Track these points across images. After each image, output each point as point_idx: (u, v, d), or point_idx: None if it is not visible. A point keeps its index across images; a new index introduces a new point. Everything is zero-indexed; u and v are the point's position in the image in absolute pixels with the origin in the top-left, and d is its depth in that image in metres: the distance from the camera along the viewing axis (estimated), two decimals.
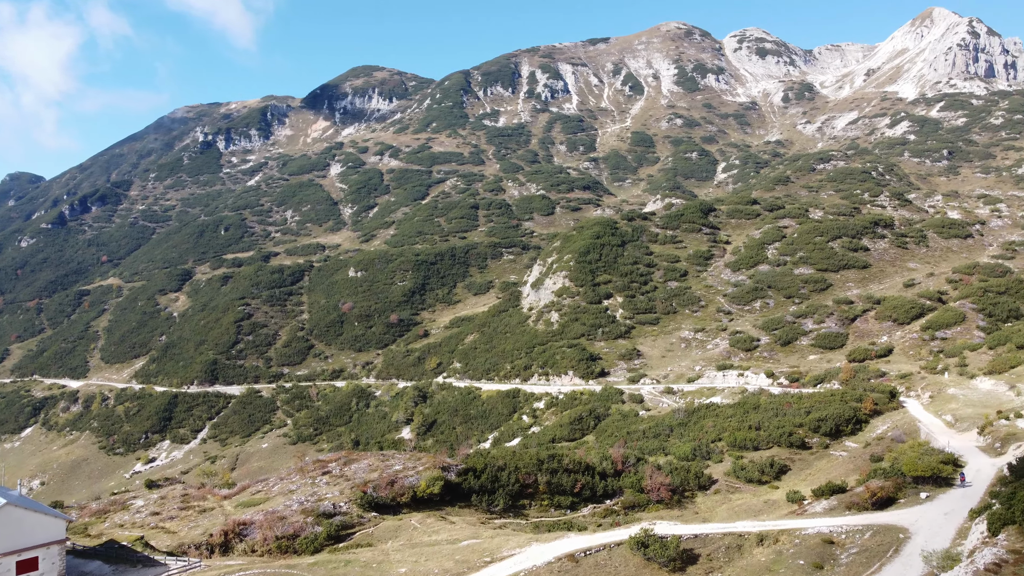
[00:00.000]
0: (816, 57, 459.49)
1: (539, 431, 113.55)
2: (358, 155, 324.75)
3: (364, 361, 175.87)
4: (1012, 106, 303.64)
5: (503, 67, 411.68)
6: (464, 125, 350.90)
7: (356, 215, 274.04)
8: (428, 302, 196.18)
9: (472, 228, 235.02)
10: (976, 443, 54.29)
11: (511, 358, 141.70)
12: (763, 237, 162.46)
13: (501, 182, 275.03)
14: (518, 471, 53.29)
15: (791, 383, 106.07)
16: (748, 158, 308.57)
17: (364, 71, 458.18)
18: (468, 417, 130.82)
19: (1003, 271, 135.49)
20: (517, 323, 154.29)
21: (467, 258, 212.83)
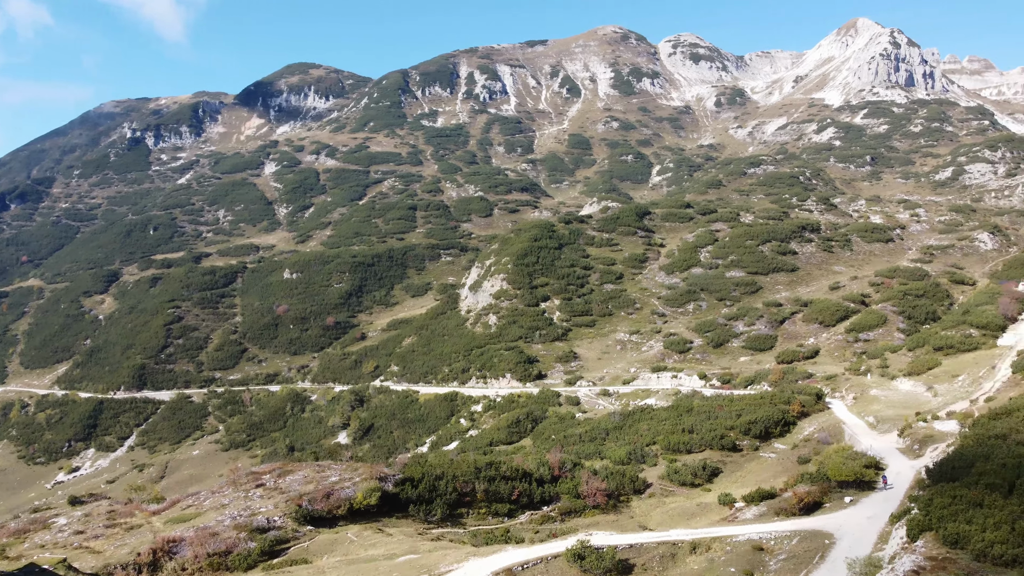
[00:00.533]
0: (747, 63, 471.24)
1: (477, 434, 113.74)
2: (294, 154, 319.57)
3: (300, 365, 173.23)
4: (930, 114, 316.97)
5: (442, 67, 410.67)
6: (402, 125, 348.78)
7: (291, 215, 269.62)
8: (366, 304, 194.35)
9: (410, 229, 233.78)
10: (896, 445, 56.58)
11: (449, 361, 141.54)
12: (696, 240, 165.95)
13: (439, 183, 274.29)
14: (456, 480, 53.31)
15: (723, 384, 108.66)
16: (682, 161, 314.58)
17: (300, 68, 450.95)
18: (406, 421, 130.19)
19: (922, 274, 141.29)
20: (455, 326, 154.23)
21: (405, 260, 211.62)
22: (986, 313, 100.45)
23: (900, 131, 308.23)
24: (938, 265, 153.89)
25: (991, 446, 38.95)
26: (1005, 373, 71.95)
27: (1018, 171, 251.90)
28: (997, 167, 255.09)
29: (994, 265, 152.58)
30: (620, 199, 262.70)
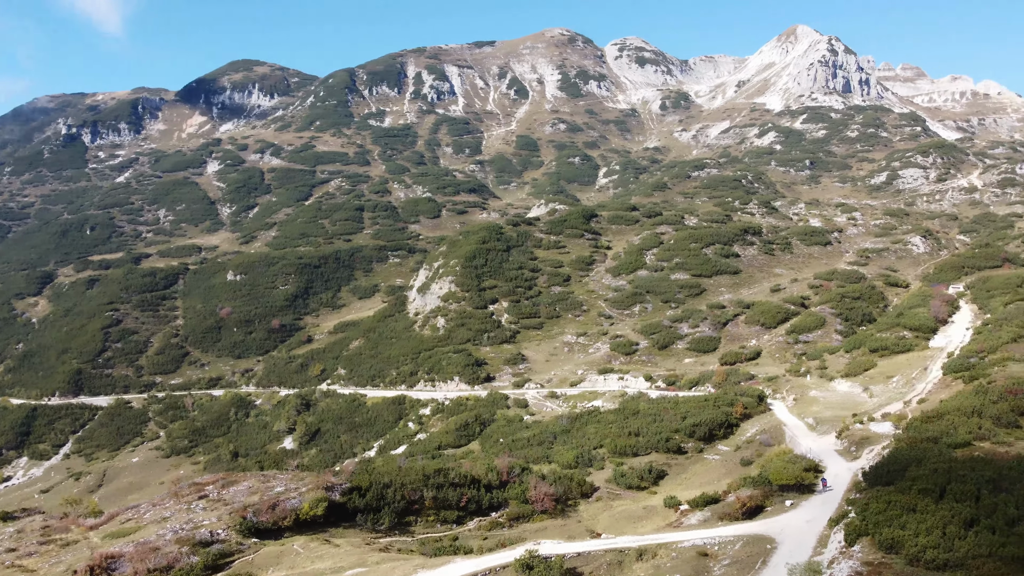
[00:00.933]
0: (692, 67, 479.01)
1: (425, 438, 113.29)
2: (237, 152, 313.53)
3: (244, 368, 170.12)
4: (866, 120, 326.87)
5: (389, 67, 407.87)
6: (349, 125, 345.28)
7: (235, 215, 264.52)
8: (312, 307, 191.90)
9: (357, 230, 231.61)
10: (835, 446, 58.31)
11: (397, 364, 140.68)
12: (642, 243, 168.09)
13: (387, 184, 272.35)
14: (404, 487, 53.17)
15: (668, 386, 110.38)
16: (628, 164, 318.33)
17: (244, 65, 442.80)
18: (353, 425, 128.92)
19: (858, 277, 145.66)
20: (403, 328, 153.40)
21: (352, 261, 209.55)
22: (919, 316, 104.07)
23: (838, 136, 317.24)
24: (874, 268, 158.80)
25: (923, 450, 40.48)
26: (936, 374, 74.77)
27: (948, 176, 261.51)
28: (929, 172, 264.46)
29: (926, 268, 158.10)
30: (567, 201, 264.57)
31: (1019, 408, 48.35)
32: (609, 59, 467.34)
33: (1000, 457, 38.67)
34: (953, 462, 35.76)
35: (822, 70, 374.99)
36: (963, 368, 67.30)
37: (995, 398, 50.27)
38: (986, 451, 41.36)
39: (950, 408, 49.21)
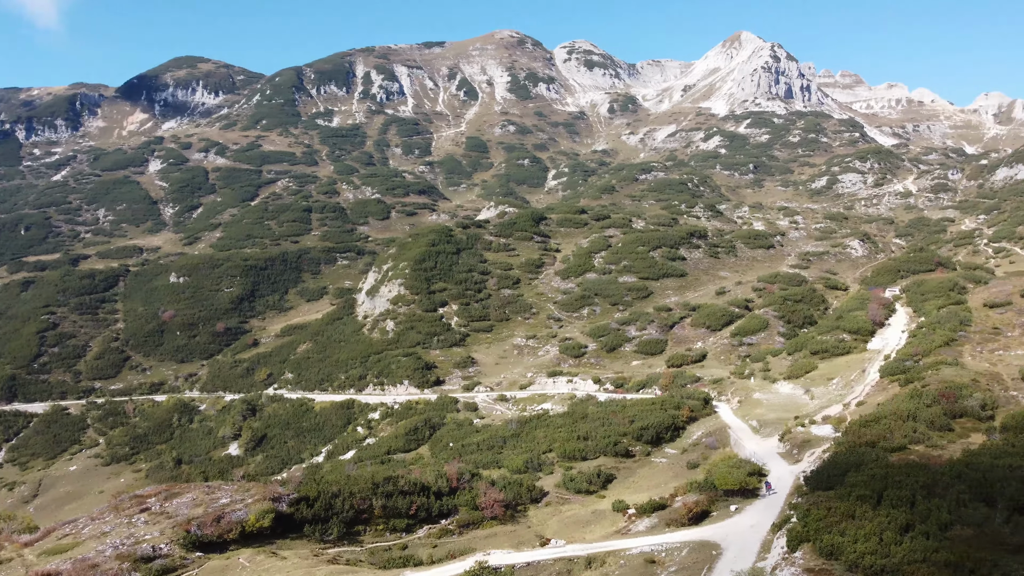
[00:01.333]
0: (639, 71, 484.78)
1: (374, 443, 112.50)
2: (181, 151, 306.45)
3: (187, 373, 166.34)
4: (807, 126, 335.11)
5: (338, 66, 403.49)
6: (297, 124, 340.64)
7: (178, 216, 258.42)
8: (258, 309, 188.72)
9: (305, 232, 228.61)
10: (778, 449, 59.79)
11: (346, 368, 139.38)
12: (591, 246, 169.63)
13: (335, 184, 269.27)
14: (353, 497, 52.78)
15: (616, 388, 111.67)
16: (577, 166, 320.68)
17: (188, 62, 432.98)
18: (301, 430, 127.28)
19: (800, 280, 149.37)
20: (352, 331, 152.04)
21: (300, 263, 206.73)
22: (857, 319, 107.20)
23: (780, 141, 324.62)
24: (814, 271, 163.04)
25: (861, 454, 41.82)
26: (874, 376, 77.15)
27: (885, 181, 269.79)
28: (867, 177, 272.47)
29: (864, 271, 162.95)
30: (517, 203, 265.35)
31: (951, 411, 50.28)
32: (558, 62, 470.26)
33: (934, 462, 40.20)
34: (890, 468, 37.03)
35: (765, 76, 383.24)
36: (899, 371, 69.61)
37: (929, 402, 52.18)
38: (920, 455, 42.93)
39: (887, 412, 50.87)
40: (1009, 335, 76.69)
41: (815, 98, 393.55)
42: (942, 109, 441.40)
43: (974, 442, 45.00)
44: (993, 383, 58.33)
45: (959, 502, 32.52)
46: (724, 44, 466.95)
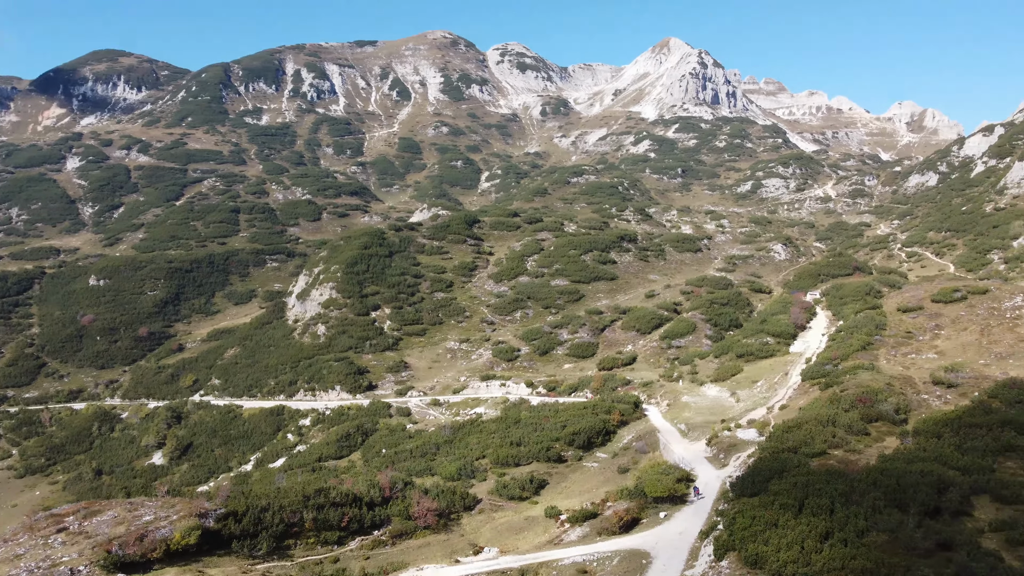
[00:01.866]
0: (571, 74, 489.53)
1: (305, 450, 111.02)
2: (101, 148, 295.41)
3: (108, 380, 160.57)
4: (733, 131, 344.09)
5: (267, 63, 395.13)
6: (224, 122, 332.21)
7: (98, 216, 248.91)
8: (184, 313, 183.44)
9: (233, 233, 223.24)
10: (705, 453, 61.39)
11: (276, 373, 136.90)
12: (523, 249, 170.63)
13: (264, 184, 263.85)
14: (283, 510, 51.91)
15: (549, 392, 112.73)
16: (510, 168, 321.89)
17: (108, 55, 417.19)
18: (228, 438, 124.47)
19: (726, 283, 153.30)
20: (282, 336, 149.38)
21: (227, 265, 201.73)
22: (780, 322, 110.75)
23: (707, 146, 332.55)
24: (740, 274, 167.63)
25: (784, 460, 43.36)
26: (796, 380, 79.91)
27: (806, 186, 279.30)
28: (789, 182, 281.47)
29: (786, 274, 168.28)
30: (450, 205, 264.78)
31: (868, 416, 52.57)
32: (491, 63, 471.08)
33: (851, 467, 41.99)
34: (811, 475, 38.54)
35: (693, 82, 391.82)
36: (820, 375, 72.27)
37: (847, 406, 54.42)
38: (840, 460, 44.78)
39: (808, 417, 52.85)
40: (921, 339, 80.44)
41: (740, 104, 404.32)
42: (859, 117, 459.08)
43: (889, 446, 47.17)
44: (906, 387, 61.17)
45: (875, 508, 34.11)
46: (653, 50, 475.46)
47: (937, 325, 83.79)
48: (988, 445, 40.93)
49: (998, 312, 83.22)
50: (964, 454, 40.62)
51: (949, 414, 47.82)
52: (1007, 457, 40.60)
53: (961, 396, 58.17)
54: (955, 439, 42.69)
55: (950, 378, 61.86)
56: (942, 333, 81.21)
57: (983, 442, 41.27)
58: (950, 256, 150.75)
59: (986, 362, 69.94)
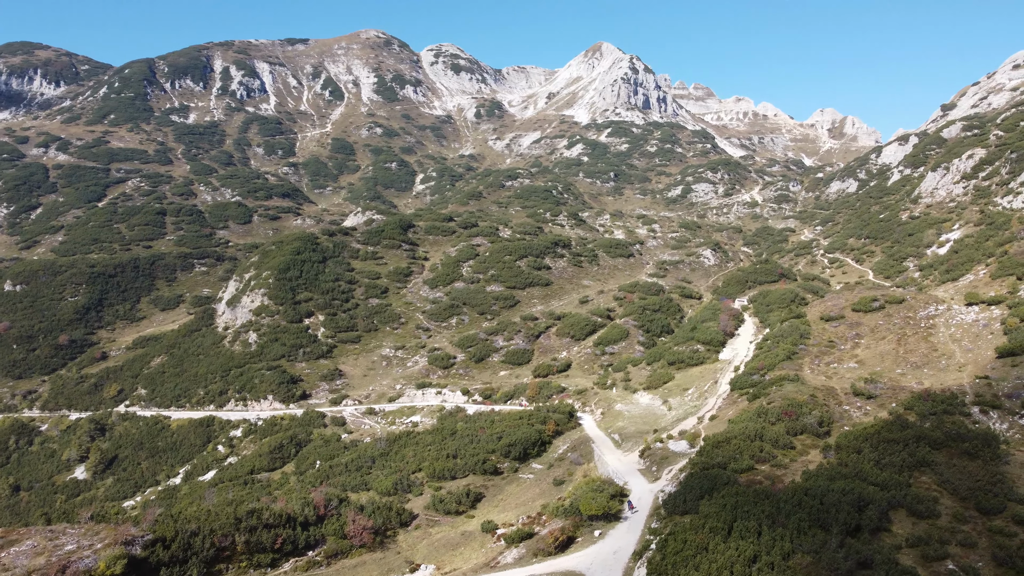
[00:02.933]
0: (505, 77, 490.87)
1: (236, 462, 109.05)
2: (16, 146, 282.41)
3: (26, 390, 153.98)
4: (663, 136, 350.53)
5: (194, 60, 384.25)
6: (149, 120, 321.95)
7: (13, 217, 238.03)
8: (107, 320, 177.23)
9: (159, 236, 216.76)
10: (638, 465, 62.65)
11: (205, 382, 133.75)
12: (458, 255, 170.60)
13: (192, 185, 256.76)
14: (214, 534, 50.93)
15: (485, 399, 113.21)
16: (444, 171, 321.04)
17: (23, 48, 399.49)
18: (156, 450, 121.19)
19: (657, 289, 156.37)
20: (211, 344, 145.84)
21: (153, 270, 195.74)
22: (710, 330, 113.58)
23: (639, 150, 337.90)
24: (671, 279, 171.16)
25: (714, 476, 44.70)
26: (725, 388, 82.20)
27: (734, 191, 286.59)
28: (717, 187, 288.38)
29: (716, 279, 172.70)
30: (384, 208, 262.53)
31: (793, 429, 54.60)
32: (425, 64, 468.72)
33: (778, 485, 43.58)
34: (740, 496, 39.83)
35: (625, 87, 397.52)
36: (747, 385, 74.56)
37: (773, 419, 56.38)
38: (766, 475, 46.42)
39: (736, 432, 54.52)
40: (842, 348, 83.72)
41: (671, 109, 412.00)
42: (783, 123, 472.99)
43: (812, 460, 49.11)
44: (829, 398, 63.68)
45: (799, 530, 35.54)
46: (586, 54, 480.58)
47: (857, 334, 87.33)
48: (904, 460, 43.01)
49: (913, 321, 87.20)
50: (882, 469, 42.65)
51: (868, 428, 50.03)
52: (922, 472, 42.81)
53: (880, 407, 60.89)
54: (874, 454, 44.72)
55: (869, 389, 64.67)
56: (862, 342, 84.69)
57: (900, 457, 43.35)
58: (869, 263, 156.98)
59: (902, 371, 73.29)
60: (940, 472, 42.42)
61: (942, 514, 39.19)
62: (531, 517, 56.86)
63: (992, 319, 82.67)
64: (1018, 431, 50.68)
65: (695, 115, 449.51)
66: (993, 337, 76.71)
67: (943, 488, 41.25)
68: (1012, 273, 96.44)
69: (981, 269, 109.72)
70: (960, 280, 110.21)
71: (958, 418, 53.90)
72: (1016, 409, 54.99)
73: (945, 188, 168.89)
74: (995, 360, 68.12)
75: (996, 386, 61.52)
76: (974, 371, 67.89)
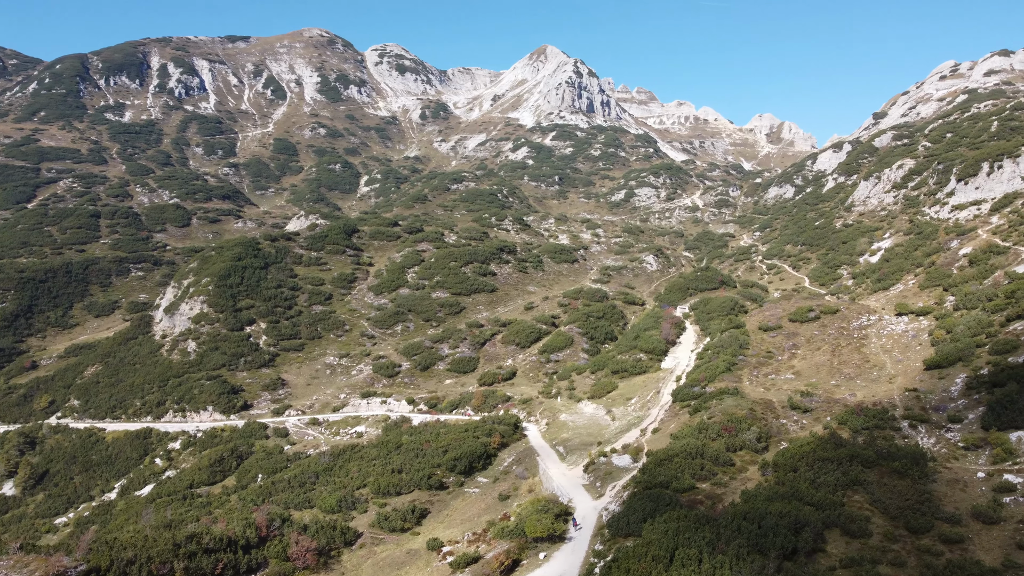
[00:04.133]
0: (450, 78, 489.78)
1: (175, 475, 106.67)
2: None
3: None
4: (607, 140, 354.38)
5: (130, 56, 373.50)
6: (82, 117, 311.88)
7: None
8: (37, 327, 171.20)
9: (93, 240, 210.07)
10: (583, 480, 63.43)
11: (142, 393, 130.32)
12: (404, 261, 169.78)
13: (128, 187, 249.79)
14: (151, 561, 49.87)
15: (430, 409, 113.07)
16: (389, 172, 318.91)
17: None
18: (90, 464, 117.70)
19: (601, 295, 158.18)
20: (148, 353, 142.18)
21: (87, 275, 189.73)
22: (652, 338, 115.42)
23: (583, 154, 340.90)
24: (614, 285, 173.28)
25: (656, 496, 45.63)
26: (667, 399, 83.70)
27: (675, 196, 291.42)
28: (660, 192, 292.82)
29: (658, 285, 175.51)
30: (328, 210, 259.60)
31: (732, 445, 56.08)
32: (370, 64, 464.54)
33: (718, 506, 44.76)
34: (681, 520, 40.72)
35: (569, 91, 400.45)
36: (688, 397, 76.14)
37: (714, 435, 57.78)
38: (707, 493, 47.63)
39: (677, 450, 55.68)
40: (779, 359, 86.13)
41: (614, 113, 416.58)
42: (723, 127, 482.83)
43: (751, 478, 50.49)
44: (767, 412, 65.51)
45: (738, 556, 36.50)
46: (531, 57, 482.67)
47: (794, 344, 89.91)
48: (838, 480, 44.60)
49: (847, 331, 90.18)
50: (817, 489, 44.17)
51: (804, 447, 51.64)
52: (855, 491, 44.47)
53: (815, 421, 62.92)
54: (810, 473, 46.25)
55: (805, 403, 66.74)
56: (798, 353, 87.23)
57: (834, 476, 44.94)
58: (806, 269, 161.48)
59: (837, 382, 75.79)
60: (872, 491, 44.13)
61: (874, 533, 40.78)
62: (477, 535, 57.12)
63: (920, 330, 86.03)
64: (944, 445, 52.91)
65: (638, 119, 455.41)
66: (921, 348, 79.86)
67: (875, 507, 42.93)
68: (939, 284, 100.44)
69: (910, 279, 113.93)
70: (891, 289, 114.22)
71: (889, 432, 56.05)
72: (942, 423, 57.39)
73: (877, 197, 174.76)
74: (923, 372, 70.91)
75: (924, 399, 64.10)
76: (904, 383, 70.58)
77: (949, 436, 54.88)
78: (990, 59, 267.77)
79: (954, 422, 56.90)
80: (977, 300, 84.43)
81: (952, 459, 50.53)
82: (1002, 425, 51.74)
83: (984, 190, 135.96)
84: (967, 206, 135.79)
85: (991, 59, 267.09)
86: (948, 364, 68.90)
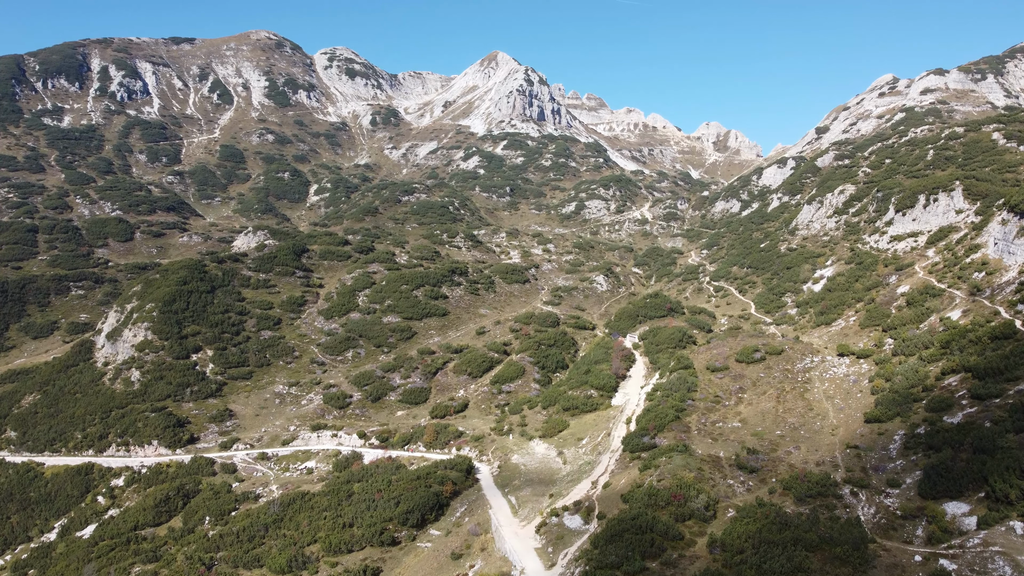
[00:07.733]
0: (401, 83, 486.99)
1: (118, 515, 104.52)
2: None
3: None
4: (558, 150, 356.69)
5: (68, 57, 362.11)
6: (17, 122, 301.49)
7: None
8: None
9: (30, 256, 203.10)
10: (535, 543, 64.19)
11: (83, 425, 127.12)
12: (354, 283, 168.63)
13: (67, 197, 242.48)
14: None
15: (382, 444, 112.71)
16: (339, 181, 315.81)
17: None
18: (27, 502, 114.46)
19: (553, 320, 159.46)
20: (90, 381, 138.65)
21: (23, 294, 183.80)
22: (602, 373, 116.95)
23: (534, 164, 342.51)
24: (565, 307, 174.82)
25: None
26: (617, 445, 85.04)
27: (625, 208, 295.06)
28: (609, 204, 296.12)
29: (608, 306, 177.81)
30: (277, 221, 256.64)
31: (681, 515, 57.53)
32: (319, 68, 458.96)
33: None
34: None
35: (520, 99, 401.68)
36: (639, 448, 77.56)
37: (663, 503, 59.20)
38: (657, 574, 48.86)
39: (628, 523, 56.75)
40: (726, 404, 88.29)
41: (565, 121, 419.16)
42: (672, 135, 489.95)
43: (700, 555, 51.74)
44: (715, 471, 67.24)
45: None
46: (482, 63, 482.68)
47: (740, 388, 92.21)
48: (783, 566, 46.12)
49: (791, 374, 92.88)
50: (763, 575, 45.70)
51: (751, 525, 53.13)
52: None
53: (761, 483, 64.84)
54: (755, 558, 47.72)
55: (751, 462, 68.66)
56: (744, 397, 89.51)
57: (779, 563, 46.46)
58: (752, 294, 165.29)
59: (781, 432, 78.07)
60: None
61: None
62: None
63: (861, 374, 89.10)
64: (883, 515, 55.05)
65: (588, 126, 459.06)
66: (862, 395, 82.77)
67: None
68: (878, 324, 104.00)
69: (851, 315, 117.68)
70: (833, 325, 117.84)
71: (831, 501, 58.21)
72: (881, 487, 59.70)
73: (819, 221, 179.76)
74: (864, 425, 73.55)
75: (864, 457, 66.53)
76: (845, 436, 73.14)
77: (888, 503, 57.10)
78: (926, 77, 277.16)
79: (892, 486, 59.24)
80: (914, 347, 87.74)
81: (892, 530, 52.61)
82: (937, 495, 54.06)
83: (921, 222, 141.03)
84: (905, 237, 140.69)
85: (927, 77, 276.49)
86: (887, 419, 71.61)
